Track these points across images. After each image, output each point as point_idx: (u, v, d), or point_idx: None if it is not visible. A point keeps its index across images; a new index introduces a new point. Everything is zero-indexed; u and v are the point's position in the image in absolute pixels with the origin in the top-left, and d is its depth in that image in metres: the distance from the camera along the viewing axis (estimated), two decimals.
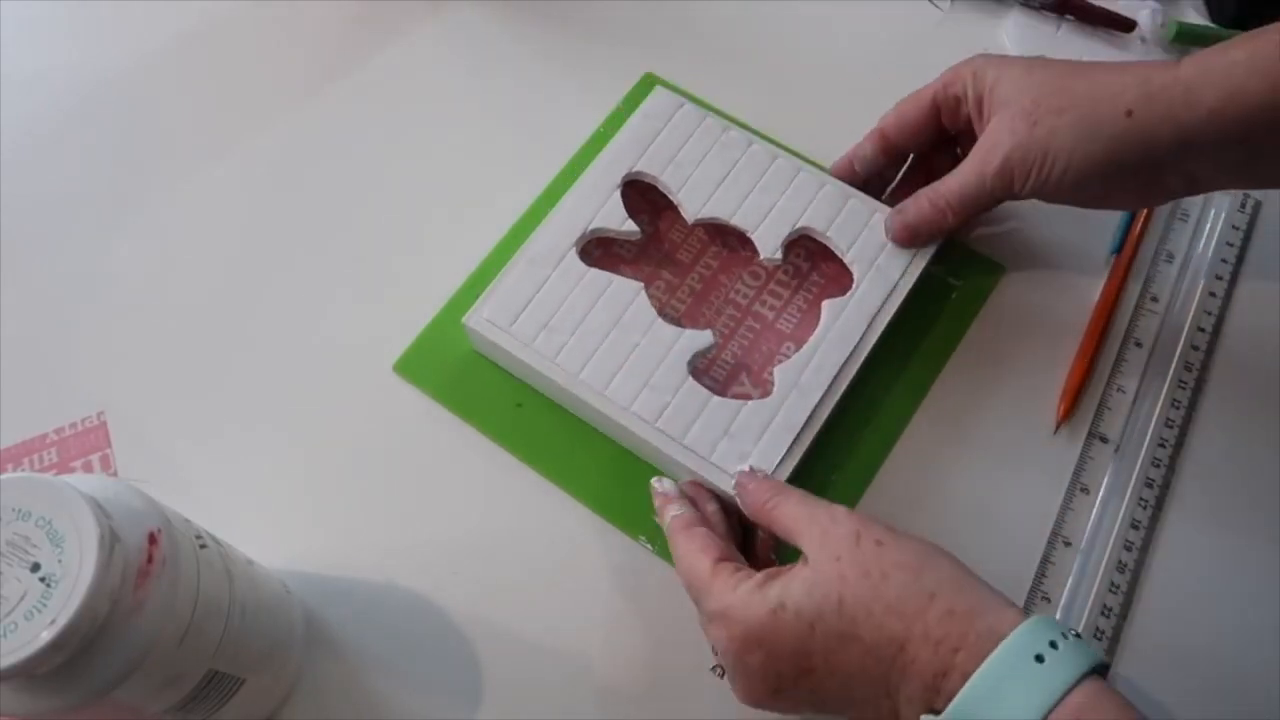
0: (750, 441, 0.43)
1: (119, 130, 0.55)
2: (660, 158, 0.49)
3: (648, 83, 0.55)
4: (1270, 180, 0.42)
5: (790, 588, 0.34)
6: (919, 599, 0.33)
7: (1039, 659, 0.31)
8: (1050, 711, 0.30)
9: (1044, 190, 0.42)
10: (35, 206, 0.53)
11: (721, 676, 0.39)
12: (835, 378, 0.44)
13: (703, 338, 0.45)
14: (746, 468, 0.42)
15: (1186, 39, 0.56)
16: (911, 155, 0.49)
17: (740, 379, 0.47)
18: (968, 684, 0.30)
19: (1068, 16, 0.58)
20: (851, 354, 0.45)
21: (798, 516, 0.37)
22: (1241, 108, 0.38)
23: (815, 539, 0.36)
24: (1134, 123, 0.39)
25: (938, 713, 0.31)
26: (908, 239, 0.46)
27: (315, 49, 0.58)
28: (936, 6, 0.59)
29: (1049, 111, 0.41)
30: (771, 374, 0.45)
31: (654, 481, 0.43)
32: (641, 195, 0.49)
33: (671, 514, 0.41)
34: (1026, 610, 0.43)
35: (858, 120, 0.49)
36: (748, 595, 0.35)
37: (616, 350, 0.44)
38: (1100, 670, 0.32)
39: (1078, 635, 0.32)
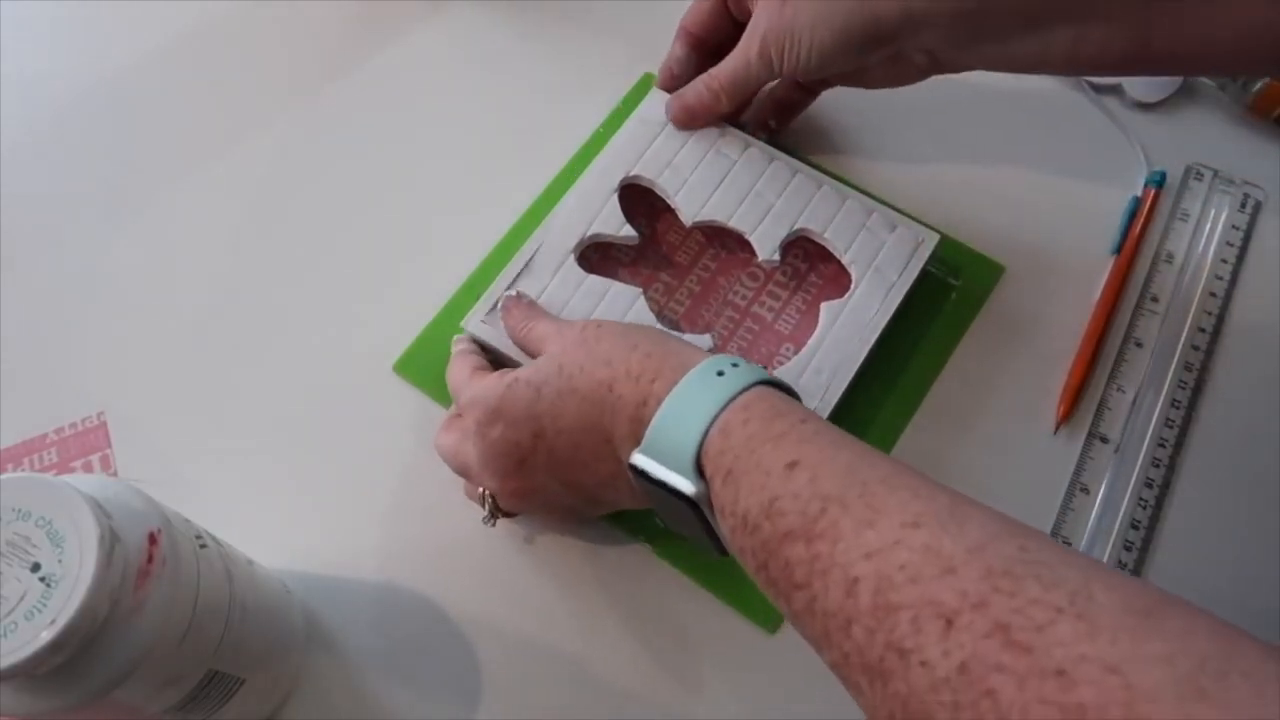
0: None
1: (119, 130, 0.55)
2: (657, 161, 0.49)
3: (647, 83, 0.55)
4: (1013, 63, 0.43)
5: (522, 369, 0.39)
6: (623, 350, 0.36)
7: (719, 374, 0.34)
8: (722, 409, 0.32)
9: (798, 69, 0.45)
10: (35, 206, 0.53)
11: (493, 524, 0.42)
12: (834, 379, 0.44)
13: (701, 342, 0.45)
14: (514, 293, 0.45)
15: None
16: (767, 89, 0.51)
17: None
18: (661, 405, 0.33)
19: None
20: (850, 355, 0.45)
21: (546, 330, 0.42)
22: None
23: (555, 341, 0.40)
24: None
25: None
26: (685, 120, 0.49)
27: (315, 49, 0.58)
28: None
29: None
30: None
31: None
32: (639, 198, 0.49)
33: (458, 348, 0.45)
34: None
35: (855, 120, 0.49)
36: (491, 381, 0.40)
37: None
38: (781, 388, 0.34)
39: (764, 369, 0.36)
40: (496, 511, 0.42)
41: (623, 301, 0.46)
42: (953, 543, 0.26)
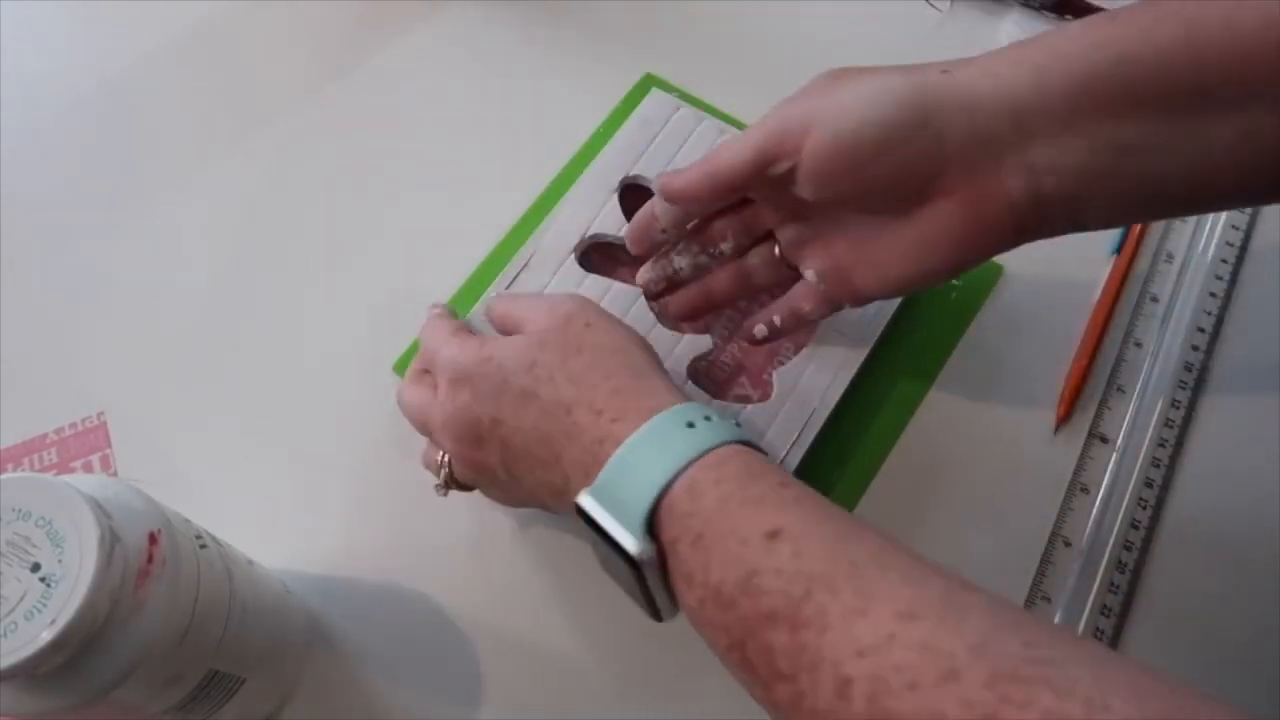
0: None
1: (119, 130, 0.55)
2: (657, 161, 0.49)
3: (647, 83, 0.55)
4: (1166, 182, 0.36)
5: (502, 344, 0.37)
6: (596, 375, 0.34)
7: (690, 425, 0.32)
8: (687, 465, 0.30)
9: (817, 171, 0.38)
10: (35, 206, 0.53)
11: (445, 494, 0.41)
12: (834, 379, 0.44)
13: (702, 342, 0.45)
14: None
15: None
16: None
17: (740, 381, 0.47)
18: (620, 447, 0.31)
19: (1067, 16, 0.58)
20: (851, 355, 0.45)
21: (532, 304, 0.39)
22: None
23: (542, 315, 0.38)
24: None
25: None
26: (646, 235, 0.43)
27: (316, 49, 0.58)
28: (935, 8, 0.59)
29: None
30: (771, 376, 0.45)
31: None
32: (639, 198, 0.49)
33: (436, 311, 0.44)
34: (1028, 606, 0.43)
35: None
36: (471, 346, 0.38)
37: None
38: (754, 449, 0.32)
39: (737, 424, 0.34)
40: (451, 481, 0.40)
41: (623, 301, 0.46)
42: (952, 639, 0.24)
